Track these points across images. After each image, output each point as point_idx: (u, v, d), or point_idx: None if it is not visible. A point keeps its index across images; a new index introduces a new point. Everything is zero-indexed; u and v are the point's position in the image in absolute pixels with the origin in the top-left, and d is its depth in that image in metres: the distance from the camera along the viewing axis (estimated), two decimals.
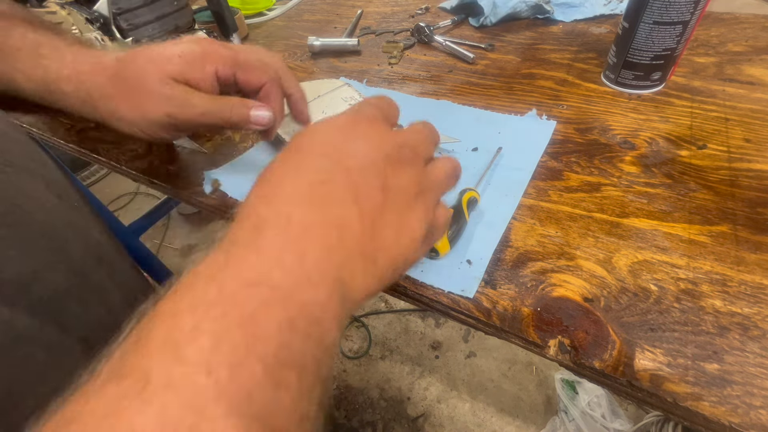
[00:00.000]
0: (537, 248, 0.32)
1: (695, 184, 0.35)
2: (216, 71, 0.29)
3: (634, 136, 0.40)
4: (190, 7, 0.50)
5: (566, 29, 0.61)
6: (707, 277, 0.28)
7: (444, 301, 0.30)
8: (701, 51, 0.51)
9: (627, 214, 0.33)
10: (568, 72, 0.51)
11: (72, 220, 0.27)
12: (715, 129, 0.40)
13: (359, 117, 0.23)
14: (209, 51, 0.29)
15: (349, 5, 0.80)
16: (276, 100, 0.32)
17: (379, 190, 0.20)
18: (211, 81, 0.29)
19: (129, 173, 0.46)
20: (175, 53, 0.28)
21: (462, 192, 0.34)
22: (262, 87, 0.31)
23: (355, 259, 0.19)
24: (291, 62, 0.63)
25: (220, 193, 0.40)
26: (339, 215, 0.19)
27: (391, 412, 1.06)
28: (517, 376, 1.08)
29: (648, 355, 0.25)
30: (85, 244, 0.27)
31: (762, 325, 0.25)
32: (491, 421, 1.01)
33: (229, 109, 0.29)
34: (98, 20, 0.43)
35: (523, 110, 0.46)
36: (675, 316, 0.26)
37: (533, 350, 0.28)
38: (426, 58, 0.59)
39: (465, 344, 1.16)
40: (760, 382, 0.23)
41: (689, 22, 0.40)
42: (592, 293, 0.28)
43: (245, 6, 0.77)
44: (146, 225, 1.25)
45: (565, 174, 0.38)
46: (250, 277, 0.16)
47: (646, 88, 0.46)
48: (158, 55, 0.28)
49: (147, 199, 1.75)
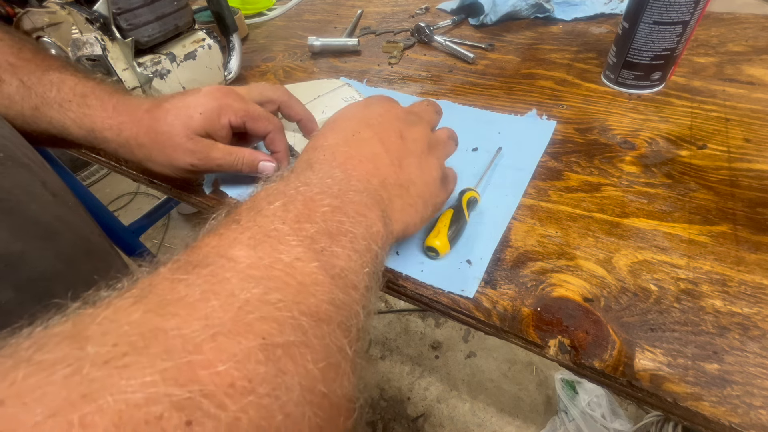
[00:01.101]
0: (537, 248, 0.32)
1: (695, 184, 0.35)
2: (230, 122, 0.34)
3: (634, 136, 0.40)
4: (190, 7, 0.50)
5: (566, 29, 0.61)
6: (707, 277, 0.28)
7: (444, 301, 0.30)
8: (701, 51, 0.51)
9: (627, 214, 0.33)
10: (568, 72, 0.51)
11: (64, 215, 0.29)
12: (715, 129, 0.40)
13: (373, 97, 0.30)
14: (224, 105, 0.33)
15: (349, 5, 0.80)
16: (280, 145, 0.37)
17: (397, 137, 0.27)
18: (227, 131, 0.34)
19: (129, 173, 0.46)
20: (197, 111, 0.33)
21: (462, 192, 0.34)
22: (267, 135, 0.36)
23: (391, 184, 0.25)
24: (291, 62, 0.63)
25: (220, 193, 0.40)
26: (371, 152, 0.25)
27: (391, 412, 1.06)
28: (517, 376, 1.08)
29: (648, 355, 0.25)
30: (75, 237, 0.28)
31: (762, 325, 0.25)
32: (491, 421, 1.01)
33: (240, 161, 0.34)
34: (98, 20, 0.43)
35: (523, 110, 0.46)
36: (675, 316, 0.26)
37: (533, 350, 0.28)
38: (426, 58, 0.59)
39: (465, 344, 1.16)
40: (760, 382, 0.23)
41: (689, 22, 0.40)
42: (592, 293, 0.28)
43: (245, 6, 0.77)
44: (146, 225, 1.25)
45: (565, 174, 0.38)
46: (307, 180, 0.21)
47: (646, 88, 0.46)
48: (183, 112, 0.33)
49: (147, 199, 1.75)
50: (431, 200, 0.28)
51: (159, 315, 0.13)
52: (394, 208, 0.25)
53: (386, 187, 0.25)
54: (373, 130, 0.27)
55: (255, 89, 0.37)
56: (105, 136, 0.34)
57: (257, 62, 0.64)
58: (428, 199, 0.27)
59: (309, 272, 0.17)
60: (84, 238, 0.29)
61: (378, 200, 0.23)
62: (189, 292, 0.14)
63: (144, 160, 0.34)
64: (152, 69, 0.47)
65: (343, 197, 0.21)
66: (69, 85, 0.34)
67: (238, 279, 0.15)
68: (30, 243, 0.25)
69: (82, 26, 0.45)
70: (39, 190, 0.28)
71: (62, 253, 0.27)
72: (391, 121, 0.28)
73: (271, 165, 0.36)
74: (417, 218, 0.26)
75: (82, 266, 0.28)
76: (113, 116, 0.34)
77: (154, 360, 0.11)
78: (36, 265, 0.25)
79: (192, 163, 0.33)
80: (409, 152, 0.27)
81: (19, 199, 0.26)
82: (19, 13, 0.46)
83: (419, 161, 0.27)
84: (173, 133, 0.32)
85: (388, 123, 0.28)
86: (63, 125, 0.34)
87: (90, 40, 0.44)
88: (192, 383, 0.11)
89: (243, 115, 0.34)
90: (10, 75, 0.33)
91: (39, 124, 0.34)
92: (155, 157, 0.34)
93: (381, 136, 0.26)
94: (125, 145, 0.34)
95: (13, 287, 0.23)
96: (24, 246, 0.24)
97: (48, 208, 0.27)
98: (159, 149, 0.33)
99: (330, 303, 0.17)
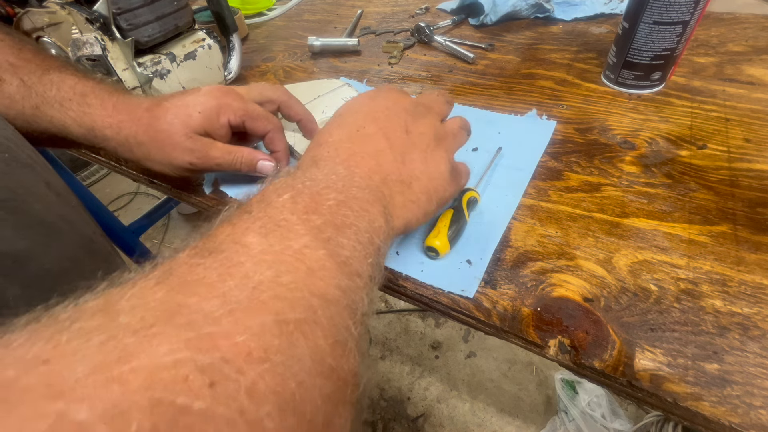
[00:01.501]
0: (537, 248, 0.32)
1: (695, 184, 0.35)
2: (229, 121, 0.34)
3: (634, 136, 0.40)
4: (190, 7, 0.50)
5: (566, 29, 0.61)
6: (707, 277, 0.28)
7: (444, 301, 0.30)
8: (701, 51, 0.51)
9: (627, 214, 0.33)
10: (568, 72, 0.51)
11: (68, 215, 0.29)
12: (715, 129, 0.40)
13: (380, 88, 0.30)
14: (223, 104, 0.33)
15: (349, 5, 0.80)
16: (279, 144, 0.37)
17: (403, 131, 0.27)
18: (226, 130, 0.34)
19: (129, 173, 0.46)
20: (196, 109, 0.33)
21: (462, 192, 0.34)
22: (267, 134, 0.36)
23: (392, 181, 0.25)
24: (291, 62, 0.63)
25: (220, 192, 0.40)
26: (375, 148, 0.26)
27: (391, 412, 1.06)
28: (517, 376, 1.08)
29: (648, 355, 0.25)
30: (79, 237, 0.29)
31: (762, 325, 0.25)
32: (491, 421, 1.01)
33: (239, 160, 0.34)
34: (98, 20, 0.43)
35: (523, 110, 0.46)
36: (675, 316, 0.26)
37: (533, 350, 0.28)
38: (426, 58, 0.59)
39: (465, 344, 1.16)
40: (760, 382, 0.23)
41: (689, 22, 0.40)
42: (592, 293, 0.28)
43: (245, 6, 0.77)
44: (146, 225, 1.25)
45: (565, 174, 0.38)
46: (313, 176, 0.22)
47: (646, 88, 0.46)
48: (183, 111, 0.33)
49: (147, 199, 1.75)
50: (436, 195, 0.28)
51: (181, 293, 0.14)
52: (396, 204, 0.25)
53: (388, 184, 0.25)
54: (377, 125, 0.27)
55: (255, 89, 0.37)
56: (105, 134, 0.34)
57: (257, 62, 0.64)
58: (433, 194, 0.27)
59: (317, 258, 0.18)
60: (87, 238, 0.30)
61: (380, 197, 0.24)
62: (207, 274, 0.15)
63: (143, 158, 0.34)
64: (152, 69, 0.47)
65: (347, 193, 0.22)
66: (69, 84, 0.34)
67: (251, 263, 0.16)
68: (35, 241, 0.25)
69: (82, 26, 0.45)
70: (43, 191, 0.28)
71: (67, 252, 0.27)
72: (398, 114, 0.28)
73: (269, 164, 0.36)
74: (419, 214, 0.27)
75: (86, 266, 0.28)
76: (113, 115, 0.34)
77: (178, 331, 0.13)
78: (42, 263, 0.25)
79: (191, 161, 0.33)
80: (414, 147, 0.27)
81: (24, 198, 0.26)
82: (19, 13, 0.46)
83: (424, 156, 0.27)
84: (172, 131, 0.32)
85: (394, 116, 0.28)
86: (63, 124, 0.34)
87: (90, 40, 0.44)
88: (213, 351, 0.13)
89: (242, 115, 0.34)
90: (11, 75, 0.34)
91: (39, 124, 0.34)
92: (154, 156, 0.34)
93: (386, 130, 0.27)
94: (124, 144, 0.34)
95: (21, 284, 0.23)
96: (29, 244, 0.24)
97: (52, 208, 0.28)
98: (158, 147, 0.33)
99: (336, 287, 0.18)
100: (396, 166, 0.26)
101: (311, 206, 0.20)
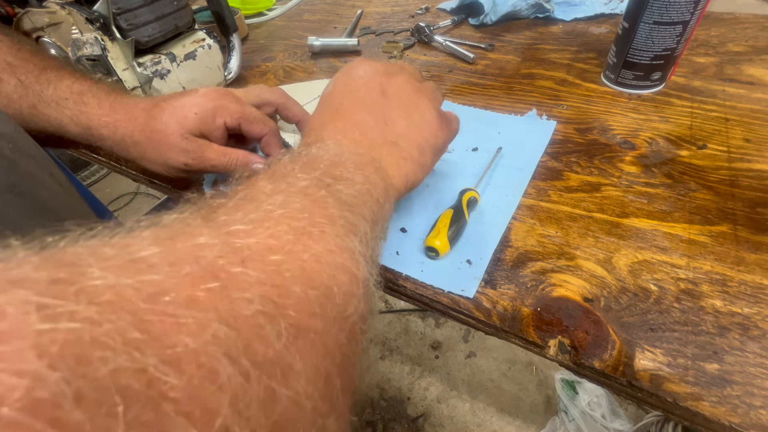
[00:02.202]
0: (537, 248, 0.32)
1: (695, 184, 0.35)
2: (225, 123, 0.34)
3: (634, 136, 0.40)
4: (190, 7, 0.50)
5: (566, 29, 0.61)
6: (707, 277, 0.28)
7: (444, 301, 0.30)
8: (701, 51, 0.51)
9: (627, 214, 0.33)
10: (568, 72, 0.51)
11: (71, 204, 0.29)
12: (715, 129, 0.40)
13: (354, 61, 0.31)
14: (219, 106, 0.34)
15: (349, 5, 0.80)
16: (275, 148, 0.37)
17: (379, 94, 0.28)
18: (222, 132, 0.34)
19: (129, 173, 0.46)
20: (192, 111, 0.33)
21: (462, 192, 0.34)
22: (263, 137, 0.36)
23: (379, 145, 0.27)
24: (291, 62, 0.63)
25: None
26: (356, 119, 0.27)
27: (391, 412, 1.06)
28: (517, 376, 1.08)
29: (648, 355, 0.25)
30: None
31: (762, 325, 0.25)
32: (491, 421, 1.01)
33: (234, 162, 0.35)
34: (98, 20, 0.43)
35: (523, 110, 0.46)
36: (675, 316, 0.26)
37: (533, 350, 0.28)
38: (426, 58, 0.59)
39: (465, 344, 1.16)
40: (760, 382, 0.23)
41: (689, 22, 0.40)
42: (592, 293, 0.28)
43: (245, 6, 0.77)
44: None
45: (565, 174, 0.38)
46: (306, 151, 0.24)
47: (646, 88, 0.46)
48: (179, 111, 0.33)
49: (147, 199, 1.75)
50: (428, 145, 0.29)
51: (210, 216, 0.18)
52: (389, 164, 0.26)
53: (375, 148, 0.26)
54: (353, 97, 0.28)
55: (252, 91, 0.37)
56: (101, 133, 0.34)
57: (257, 62, 0.64)
58: (424, 145, 0.28)
59: (320, 196, 0.20)
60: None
61: (370, 161, 0.25)
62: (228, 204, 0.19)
63: (139, 158, 0.34)
64: (152, 69, 0.47)
65: (340, 158, 0.24)
66: (66, 83, 0.34)
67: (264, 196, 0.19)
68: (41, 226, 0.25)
69: (82, 26, 0.45)
70: (47, 180, 0.28)
71: None
72: (371, 79, 0.29)
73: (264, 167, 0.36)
74: (416, 167, 0.28)
75: None
76: (110, 114, 0.34)
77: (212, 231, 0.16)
78: None
79: (186, 162, 0.33)
80: (394, 106, 0.28)
81: (31, 185, 0.26)
82: (19, 13, 0.46)
83: (406, 111, 0.28)
84: (168, 131, 0.33)
85: (368, 83, 0.29)
86: (60, 123, 0.34)
87: (90, 40, 0.44)
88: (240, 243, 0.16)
89: (238, 117, 0.34)
90: (8, 74, 0.34)
91: (37, 123, 0.34)
92: (149, 156, 0.34)
93: (362, 99, 0.28)
94: (121, 143, 0.34)
95: None
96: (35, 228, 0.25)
97: (57, 197, 0.28)
98: (153, 147, 0.33)
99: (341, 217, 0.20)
100: (379, 129, 0.27)
101: (309, 164, 0.22)
